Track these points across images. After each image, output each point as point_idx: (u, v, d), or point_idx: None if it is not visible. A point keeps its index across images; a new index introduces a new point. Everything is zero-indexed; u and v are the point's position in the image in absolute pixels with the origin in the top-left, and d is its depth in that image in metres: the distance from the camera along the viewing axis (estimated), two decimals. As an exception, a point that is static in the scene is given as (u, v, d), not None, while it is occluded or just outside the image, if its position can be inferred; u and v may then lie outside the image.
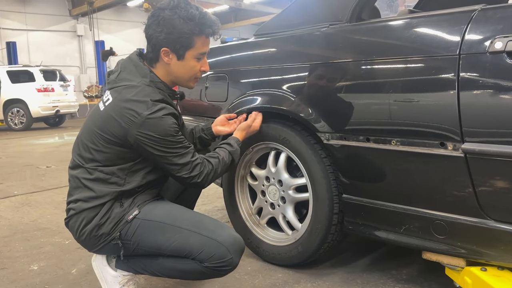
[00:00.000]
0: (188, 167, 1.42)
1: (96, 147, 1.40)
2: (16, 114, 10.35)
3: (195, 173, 1.44)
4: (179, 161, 1.40)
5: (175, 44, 1.41)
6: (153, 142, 1.35)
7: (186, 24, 1.38)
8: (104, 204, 1.39)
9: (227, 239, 1.36)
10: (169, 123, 1.37)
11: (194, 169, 1.43)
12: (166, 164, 1.40)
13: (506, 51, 1.13)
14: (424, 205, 1.37)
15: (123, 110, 1.35)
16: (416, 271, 1.80)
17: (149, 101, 1.35)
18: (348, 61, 1.52)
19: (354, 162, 1.54)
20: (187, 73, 1.48)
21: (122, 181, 1.41)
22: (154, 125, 1.34)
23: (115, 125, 1.36)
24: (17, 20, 16.03)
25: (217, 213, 2.80)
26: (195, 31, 1.40)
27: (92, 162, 1.41)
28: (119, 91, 1.40)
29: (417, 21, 1.40)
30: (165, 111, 1.37)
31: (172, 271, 1.43)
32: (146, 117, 1.33)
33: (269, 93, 1.78)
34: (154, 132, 1.34)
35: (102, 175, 1.40)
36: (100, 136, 1.38)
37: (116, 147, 1.38)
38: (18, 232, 2.54)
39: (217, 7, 18.19)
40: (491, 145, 1.17)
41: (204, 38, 1.44)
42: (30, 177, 4.27)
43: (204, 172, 1.46)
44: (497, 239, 1.23)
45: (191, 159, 1.43)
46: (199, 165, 1.45)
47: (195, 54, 1.44)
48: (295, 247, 1.77)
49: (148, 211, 1.43)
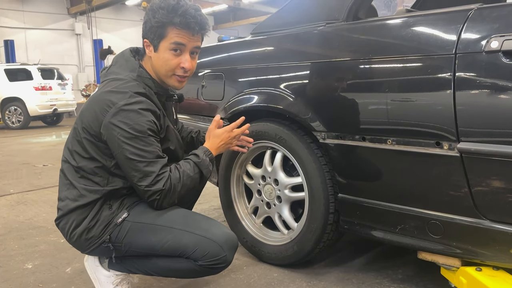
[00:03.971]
0: (150, 178, 1.29)
1: (77, 137, 1.38)
2: (13, 113, 10.34)
3: (156, 188, 1.30)
4: (143, 168, 1.28)
5: (150, 33, 1.37)
6: (122, 137, 1.27)
7: (158, 12, 1.34)
8: (93, 206, 1.38)
9: (221, 237, 1.35)
10: (145, 119, 1.29)
11: (156, 184, 1.30)
12: (128, 167, 1.30)
13: (502, 51, 1.13)
14: (419, 205, 1.37)
15: (101, 99, 1.32)
16: (411, 271, 1.80)
17: (128, 91, 1.31)
18: (345, 60, 1.51)
19: (350, 161, 1.54)
20: (162, 67, 1.39)
21: (104, 181, 1.38)
22: (128, 117, 1.27)
23: (92, 114, 1.33)
24: (15, 18, 15.98)
25: (213, 212, 2.80)
26: (165, 19, 1.33)
27: (74, 156, 1.39)
28: (105, 83, 1.39)
29: (414, 20, 1.39)
30: (143, 105, 1.31)
31: (166, 271, 1.42)
32: (121, 106, 1.28)
33: (266, 92, 1.77)
34: (126, 124, 1.27)
35: (85, 174, 1.38)
36: (80, 127, 1.37)
37: (94, 140, 1.35)
38: (13, 230, 2.53)
39: (215, 6, 18.18)
40: (487, 145, 1.17)
41: (176, 29, 1.34)
42: (26, 176, 4.26)
43: (166, 189, 1.31)
44: (492, 239, 1.22)
45: (158, 171, 1.30)
46: (164, 181, 1.31)
47: (167, 45, 1.36)
48: (291, 246, 1.77)
49: (138, 213, 1.40)
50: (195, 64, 1.46)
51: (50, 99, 10.46)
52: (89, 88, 14.59)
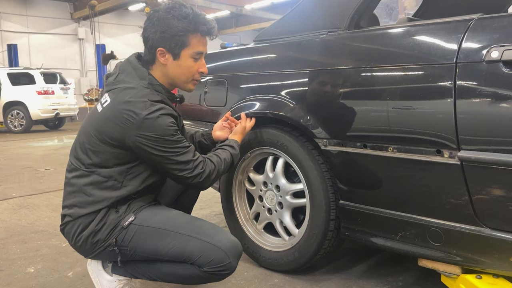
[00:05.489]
0: (190, 166, 1.40)
1: (93, 148, 1.39)
2: (15, 117, 10.36)
3: (197, 172, 1.41)
4: (181, 159, 1.38)
5: (170, 43, 1.40)
6: (152, 143, 1.33)
7: (180, 22, 1.38)
8: (100, 210, 1.39)
9: (226, 244, 1.36)
10: (167, 122, 1.35)
11: (196, 168, 1.41)
12: (167, 164, 1.38)
13: (502, 60, 1.14)
14: (420, 212, 1.37)
15: (121, 111, 1.34)
16: (412, 278, 1.80)
17: (147, 101, 1.34)
18: (346, 68, 1.53)
19: (351, 168, 1.55)
20: (183, 74, 1.46)
21: (119, 184, 1.40)
22: (153, 125, 1.33)
23: (113, 126, 1.35)
24: (18, 22, 16.08)
25: (214, 218, 2.80)
26: (190, 28, 1.39)
27: (89, 164, 1.40)
28: (117, 92, 1.39)
29: (415, 29, 1.41)
30: (163, 111, 1.36)
31: (170, 276, 1.43)
32: (144, 117, 1.32)
33: (268, 99, 1.79)
34: (153, 132, 1.33)
35: (99, 178, 1.39)
36: (97, 138, 1.38)
37: (113, 149, 1.37)
38: (15, 234, 2.54)
39: (218, 12, 18.27)
40: (487, 153, 1.18)
41: (199, 37, 1.43)
42: (28, 180, 4.27)
43: (206, 171, 1.44)
44: (492, 247, 1.23)
45: (193, 158, 1.41)
46: (201, 163, 1.43)
47: (190, 53, 1.43)
48: (292, 252, 1.77)
49: (144, 217, 1.42)
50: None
51: (53, 103, 10.49)
52: (91, 93, 14.67)
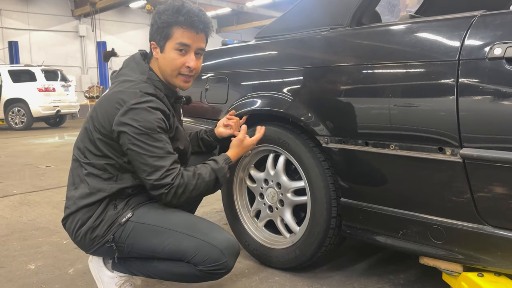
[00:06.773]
0: (159, 172, 1.30)
1: (90, 137, 1.40)
2: (16, 114, 10.37)
3: (164, 182, 1.31)
4: (153, 162, 1.31)
5: (156, 35, 1.41)
6: (132, 133, 1.30)
7: (163, 14, 1.39)
8: (99, 205, 1.39)
9: (222, 242, 1.35)
10: (154, 117, 1.33)
11: (165, 178, 1.31)
12: (138, 162, 1.32)
13: (505, 57, 1.13)
14: (421, 210, 1.37)
15: (112, 99, 1.36)
16: (413, 276, 1.80)
17: (138, 91, 1.35)
18: (348, 65, 1.52)
19: (352, 165, 1.54)
20: (168, 66, 1.43)
21: (114, 177, 1.41)
22: (138, 114, 1.31)
23: (103, 113, 1.37)
24: (19, 19, 16.08)
25: (215, 215, 2.80)
26: (170, 20, 1.38)
27: (86, 154, 1.42)
28: (116, 84, 1.42)
29: (417, 26, 1.40)
30: (153, 104, 1.35)
31: (167, 274, 1.43)
32: (131, 105, 1.31)
33: (269, 96, 1.78)
34: (136, 121, 1.30)
35: (95, 170, 1.40)
36: (93, 127, 1.39)
37: (104, 138, 1.38)
38: (16, 231, 2.54)
39: (219, 9, 18.27)
40: (490, 151, 1.17)
41: (182, 28, 1.39)
42: (29, 177, 4.27)
43: (175, 184, 1.32)
44: (494, 245, 1.23)
45: (169, 166, 1.32)
46: (173, 176, 1.32)
47: (173, 45, 1.40)
48: (293, 250, 1.77)
49: (141, 214, 1.42)
50: (200, 65, 1.48)
51: (53, 101, 10.50)
52: (92, 90, 14.66)
